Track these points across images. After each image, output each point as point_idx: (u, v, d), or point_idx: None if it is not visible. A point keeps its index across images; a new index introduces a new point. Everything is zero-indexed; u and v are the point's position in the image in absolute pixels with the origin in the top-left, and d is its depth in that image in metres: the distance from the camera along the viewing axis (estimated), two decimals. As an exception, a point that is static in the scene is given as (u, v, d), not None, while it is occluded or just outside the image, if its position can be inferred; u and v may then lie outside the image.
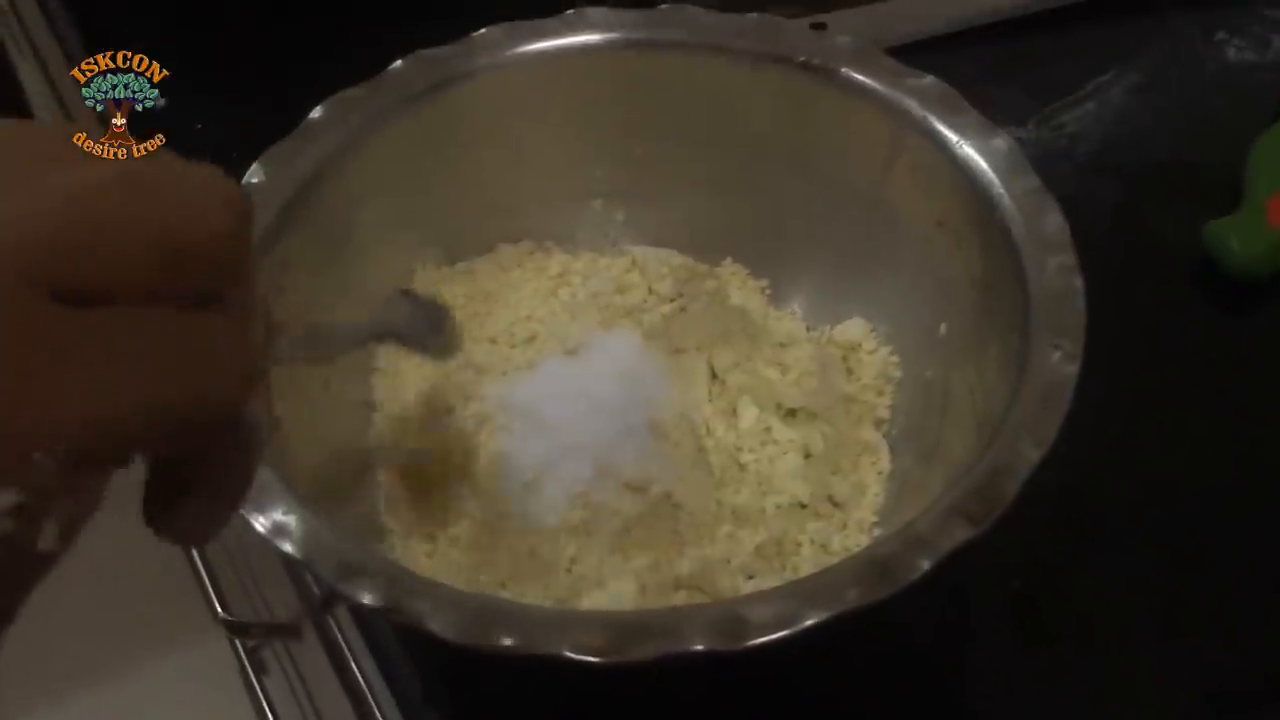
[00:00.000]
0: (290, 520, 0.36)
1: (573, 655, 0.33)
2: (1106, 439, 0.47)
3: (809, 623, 0.34)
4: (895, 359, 0.47)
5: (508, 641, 0.34)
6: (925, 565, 0.35)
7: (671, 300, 0.47)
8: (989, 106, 0.45)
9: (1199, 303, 0.53)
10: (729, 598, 0.38)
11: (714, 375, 0.46)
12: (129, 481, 0.25)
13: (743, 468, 0.44)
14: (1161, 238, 0.54)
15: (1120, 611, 0.44)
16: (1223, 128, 0.59)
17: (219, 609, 0.58)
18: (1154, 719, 0.42)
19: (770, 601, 0.34)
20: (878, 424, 0.46)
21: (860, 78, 0.46)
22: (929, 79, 0.46)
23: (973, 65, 0.46)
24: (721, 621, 0.34)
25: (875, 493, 0.45)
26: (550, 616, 0.35)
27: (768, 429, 0.45)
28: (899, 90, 0.45)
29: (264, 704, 0.62)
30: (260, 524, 0.36)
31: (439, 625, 0.34)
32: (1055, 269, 0.41)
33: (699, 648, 0.33)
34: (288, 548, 0.36)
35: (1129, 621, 0.44)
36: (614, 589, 0.41)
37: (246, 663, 0.64)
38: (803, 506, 0.44)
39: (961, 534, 0.35)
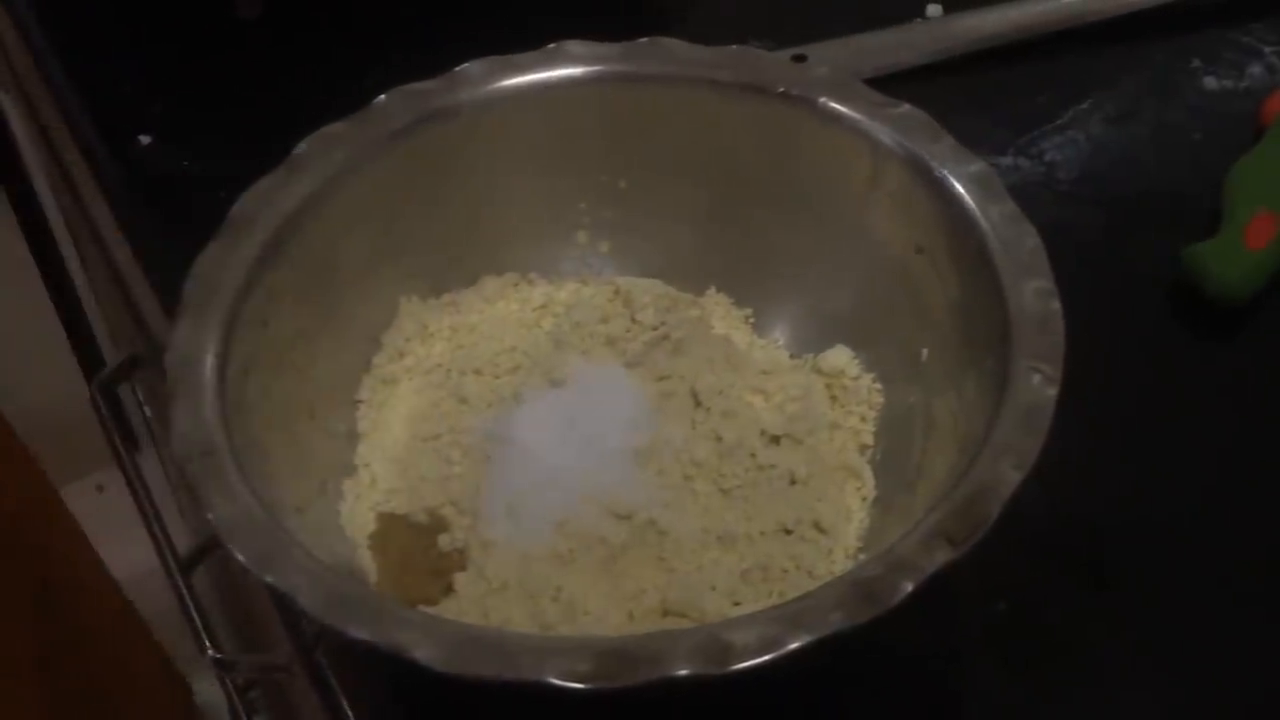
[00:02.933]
0: (275, 551, 0.36)
1: (558, 682, 0.33)
2: (1089, 463, 0.47)
3: (793, 646, 0.34)
4: (878, 385, 0.47)
5: (491, 670, 0.34)
6: (908, 587, 0.35)
7: (654, 329, 0.48)
8: (967, 136, 0.46)
9: (1178, 327, 0.53)
10: (713, 622, 0.38)
11: (697, 403, 0.46)
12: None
13: (726, 494, 0.44)
14: (1141, 264, 0.55)
15: (1105, 637, 0.44)
16: (1200, 154, 0.59)
17: (208, 646, 0.58)
18: None
19: (754, 625, 0.34)
20: (861, 449, 0.47)
21: (839, 107, 0.47)
22: (906, 107, 0.46)
23: (950, 95, 0.46)
24: (706, 646, 0.34)
25: (860, 518, 0.45)
26: (534, 643, 0.35)
27: (752, 455, 0.45)
28: (877, 119, 0.46)
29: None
30: (244, 555, 0.36)
31: (424, 655, 0.34)
32: (1033, 293, 0.41)
33: (684, 672, 0.33)
34: (270, 579, 0.36)
35: (1114, 647, 0.44)
36: (600, 616, 0.41)
37: (236, 702, 0.64)
38: (788, 532, 0.44)
39: (943, 555, 0.36)
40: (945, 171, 0.44)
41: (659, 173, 0.50)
